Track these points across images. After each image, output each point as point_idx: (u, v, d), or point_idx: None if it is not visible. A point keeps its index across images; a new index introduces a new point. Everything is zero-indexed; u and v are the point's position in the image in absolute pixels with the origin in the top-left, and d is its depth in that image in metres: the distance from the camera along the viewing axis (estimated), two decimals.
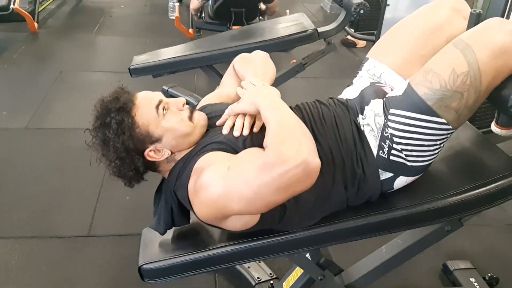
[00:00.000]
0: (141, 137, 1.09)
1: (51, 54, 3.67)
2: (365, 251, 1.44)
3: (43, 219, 1.95)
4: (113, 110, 1.06)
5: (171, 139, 1.11)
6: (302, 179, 0.90)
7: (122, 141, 1.06)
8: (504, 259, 1.89)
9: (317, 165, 0.91)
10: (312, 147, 0.94)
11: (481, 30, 1.08)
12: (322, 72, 3.52)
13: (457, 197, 1.16)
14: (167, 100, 1.14)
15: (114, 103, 1.07)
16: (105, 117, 1.07)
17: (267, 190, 0.92)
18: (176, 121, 1.11)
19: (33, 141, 2.51)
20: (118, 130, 1.05)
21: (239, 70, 1.33)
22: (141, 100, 1.11)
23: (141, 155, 1.11)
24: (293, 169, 0.88)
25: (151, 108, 1.10)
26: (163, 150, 1.11)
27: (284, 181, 0.90)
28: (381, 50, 1.36)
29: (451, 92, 1.04)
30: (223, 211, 1.01)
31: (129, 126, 1.06)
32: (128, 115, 1.07)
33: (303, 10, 5.00)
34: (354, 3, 2.27)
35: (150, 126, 1.09)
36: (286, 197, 0.96)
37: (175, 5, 4.27)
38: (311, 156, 0.91)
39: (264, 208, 0.99)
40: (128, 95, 1.11)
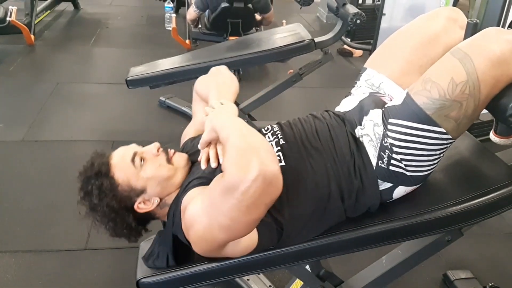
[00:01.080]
0: (126, 194, 1.11)
1: (47, 66, 3.66)
2: (365, 262, 1.43)
3: (40, 232, 1.94)
4: (92, 177, 1.11)
5: (155, 186, 1.13)
6: (266, 190, 0.88)
7: (107, 204, 1.10)
8: (504, 268, 1.88)
9: (274, 171, 0.88)
10: (266, 156, 0.90)
11: (479, 40, 1.08)
12: (319, 81, 3.53)
13: (457, 207, 1.16)
14: (141, 150, 1.16)
15: (90, 170, 1.12)
16: (87, 186, 1.11)
17: (239, 212, 0.91)
18: (155, 168, 1.13)
19: (29, 153, 2.50)
20: (100, 194, 1.09)
21: (202, 94, 1.31)
22: (115, 159, 1.14)
23: (131, 210, 1.13)
24: (252, 184, 0.86)
25: (127, 163, 1.12)
26: (152, 199, 1.13)
27: (249, 198, 0.88)
28: (379, 60, 1.36)
29: (450, 102, 1.03)
30: (214, 243, 1.01)
31: (110, 187, 1.10)
32: (107, 177, 1.11)
33: (300, 20, 5.01)
34: (351, 13, 2.28)
35: (131, 180, 1.11)
36: (261, 212, 0.93)
37: (171, 16, 4.29)
38: (266, 166, 0.87)
39: (246, 229, 0.97)
40: (103, 157, 1.15)
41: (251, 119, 2.57)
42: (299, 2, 2.26)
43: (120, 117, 2.85)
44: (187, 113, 2.93)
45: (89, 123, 2.80)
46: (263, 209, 0.93)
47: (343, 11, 2.34)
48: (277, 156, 1.14)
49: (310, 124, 1.24)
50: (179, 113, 2.95)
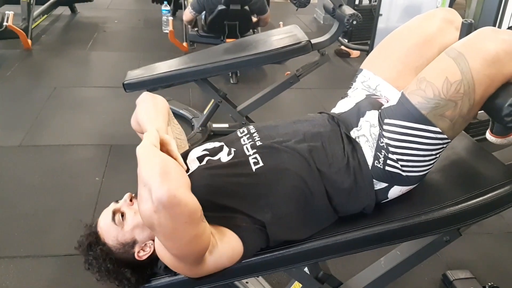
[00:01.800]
0: (122, 251, 1.15)
1: (45, 70, 3.66)
2: (364, 263, 1.43)
3: (38, 237, 1.93)
4: (88, 249, 1.16)
5: (142, 232, 1.14)
6: (173, 213, 0.88)
7: (106, 268, 1.14)
8: (503, 268, 1.88)
9: (169, 196, 0.86)
10: (156, 181, 0.88)
11: (473, 39, 1.08)
12: (317, 82, 3.53)
13: (455, 207, 1.16)
14: (118, 205, 1.17)
15: (84, 244, 1.17)
16: (87, 258, 1.16)
17: (168, 242, 0.98)
18: (132, 217, 1.14)
19: (27, 158, 2.49)
20: (101, 261, 1.14)
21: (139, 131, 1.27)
22: (100, 225, 1.18)
23: (134, 262, 1.15)
24: (157, 214, 0.88)
25: (109, 225, 1.15)
26: (147, 244, 1.15)
27: (166, 226, 0.90)
28: (375, 62, 1.36)
29: (445, 101, 1.03)
30: (189, 268, 1.04)
31: (107, 251, 1.14)
32: (99, 244, 1.15)
33: (297, 21, 5.03)
34: (347, 14, 2.28)
35: (119, 238, 1.14)
36: (189, 230, 0.93)
37: (168, 19, 4.29)
38: (157, 193, 0.86)
39: (193, 246, 0.97)
40: (90, 228, 1.19)
41: (249, 121, 2.57)
42: (295, 4, 2.26)
43: (118, 120, 2.84)
44: (185, 115, 2.93)
45: (86, 127, 2.79)
46: (188, 227, 0.92)
47: (339, 12, 2.34)
48: (254, 158, 1.15)
49: (294, 125, 1.25)
50: (177, 116, 2.94)
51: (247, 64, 2.42)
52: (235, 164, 1.16)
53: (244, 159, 1.16)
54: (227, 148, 1.21)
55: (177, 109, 2.98)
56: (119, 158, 2.49)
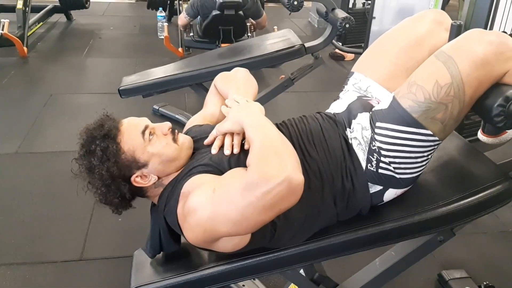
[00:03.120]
0: (127, 163, 1.09)
1: (41, 78, 3.66)
2: (360, 264, 1.44)
3: (35, 244, 1.93)
4: (98, 137, 1.07)
5: (157, 164, 1.11)
6: (287, 196, 0.90)
7: (107, 168, 1.06)
8: (499, 267, 1.89)
9: (301, 181, 0.91)
10: (295, 164, 0.93)
11: (462, 42, 1.10)
12: (312, 86, 3.55)
13: (447, 207, 1.17)
14: (153, 125, 1.14)
15: (98, 130, 1.08)
16: (90, 145, 1.08)
17: (253, 210, 0.91)
18: (161, 145, 1.12)
19: (24, 166, 2.49)
20: (103, 157, 1.06)
21: (221, 89, 1.33)
22: (126, 126, 1.12)
23: (127, 181, 1.11)
24: (276, 187, 0.88)
25: (137, 134, 1.10)
26: (150, 176, 1.12)
27: (269, 199, 0.89)
28: (366, 64, 1.38)
29: (436, 104, 1.05)
30: (212, 234, 1.00)
31: (114, 153, 1.07)
32: (113, 142, 1.07)
33: (291, 25, 5.06)
34: (340, 17, 2.30)
35: (136, 151, 1.09)
36: (272, 216, 0.95)
37: (164, 25, 4.31)
38: (294, 173, 0.90)
39: (252, 228, 0.99)
40: (113, 122, 1.12)
41: None
42: (288, 8, 2.28)
43: None
44: (181, 120, 2.94)
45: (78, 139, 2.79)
46: (275, 214, 0.95)
47: (332, 16, 2.36)
48: None
49: (304, 125, 1.25)
50: (173, 121, 2.95)
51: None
52: None
53: None
54: None
55: (173, 114, 2.99)
56: None
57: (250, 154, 0.97)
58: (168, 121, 1.35)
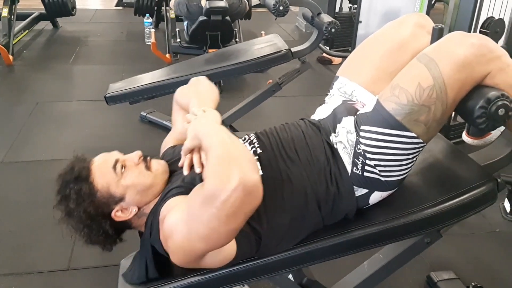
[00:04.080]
0: (104, 200, 1.10)
1: (27, 86, 3.63)
2: (348, 267, 1.44)
3: (21, 255, 1.90)
4: (71, 181, 1.09)
5: (134, 195, 1.12)
6: (246, 199, 0.89)
7: (84, 209, 1.08)
8: (487, 267, 1.90)
9: (256, 182, 0.89)
10: (247, 165, 0.91)
11: (443, 44, 1.11)
12: (299, 90, 3.55)
13: (433, 209, 1.18)
14: (123, 157, 1.15)
15: (70, 174, 1.11)
16: (64, 190, 1.10)
17: (218, 221, 0.91)
18: (135, 175, 1.12)
19: (9, 175, 2.46)
20: (78, 199, 1.08)
21: (182, 103, 1.32)
22: (97, 165, 1.13)
23: (108, 218, 1.11)
24: (232, 193, 0.87)
25: (108, 170, 1.11)
26: (130, 208, 1.12)
27: (229, 207, 0.88)
28: (350, 68, 1.38)
29: (419, 106, 1.06)
30: (193, 253, 1.00)
31: (88, 193, 1.09)
32: (86, 182, 1.09)
33: (279, 30, 5.08)
34: (325, 22, 2.31)
35: (111, 187, 1.10)
36: (240, 222, 0.94)
37: (151, 31, 4.30)
38: (247, 175, 0.88)
39: (226, 238, 0.97)
40: (84, 162, 1.14)
41: (232, 130, 2.57)
42: (274, 13, 2.28)
43: (102, 134, 2.83)
44: (169, 127, 2.90)
45: (70, 141, 2.77)
46: (243, 219, 0.93)
47: (318, 21, 2.37)
48: None
49: (286, 133, 1.25)
50: (161, 127, 2.94)
51: (229, 73, 2.44)
52: None
53: None
54: None
55: (160, 120, 2.97)
56: None
57: (204, 167, 0.97)
58: (155, 127, 1.34)
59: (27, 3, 4.95)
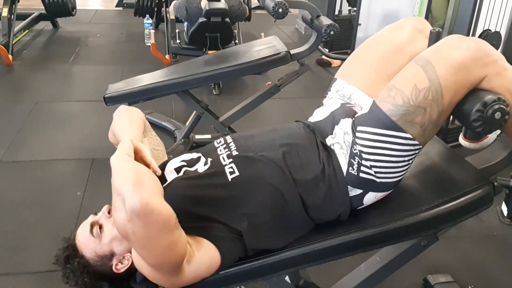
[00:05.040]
0: (100, 263, 1.14)
1: (26, 86, 3.63)
2: (345, 269, 1.44)
3: (19, 254, 1.90)
4: (65, 262, 1.15)
5: (119, 245, 1.14)
6: (147, 221, 0.89)
7: (89, 278, 1.13)
8: (483, 270, 1.90)
9: (142, 204, 0.87)
10: (129, 190, 0.89)
11: (440, 47, 1.11)
12: (299, 92, 3.56)
13: (429, 212, 1.18)
14: (96, 218, 1.17)
15: (61, 256, 1.17)
16: (65, 272, 1.16)
17: (143, 251, 0.99)
18: (110, 229, 1.14)
19: (7, 175, 2.46)
20: (79, 274, 1.13)
21: (115, 144, 1.27)
22: (78, 238, 1.17)
23: (113, 275, 1.14)
24: (131, 223, 0.90)
25: (87, 238, 1.15)
26: (125, 256, 1.14)
27: (140, 235, 0.92)
28: (348, 71, 1.39)
29: (414, 108, 1.06)
30: (167, 277, 1.04)
31: (84, 264, 1.14)
32: (77, 257, 1.15)
33: (279, 32, 5.08)
34: (324, 24, 2.32)
35: (97, 250, 1.14)
36: (163, 238, 0.94)
37: (151, 32, 4.31)
38: (131, 202, 0.88)
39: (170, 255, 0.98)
40: (68, 240, 1.19)
41: (231, 132, 2.58)
42: (273, 16, 2.29)
43: (100, 134, 2.79)
44: (168, 127, 2.93)
45: (68, 141, 2.77)
46: (162, 235, 0.93)
47: (317, 23, 2.38)
48: (230, 167, 1.17)
49: (268, 133, 1.27)
50: (160, 128, 2.94)
51: (228, 75, 2.44)
52: (211, 174, 1.17)
53: (220, 169, 1.17)
54: (204, 159, 1.22)
55: (159, 121, 2.98)
56: (100, 172, 2.47)
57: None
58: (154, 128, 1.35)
59: (27, 3, 4.97)
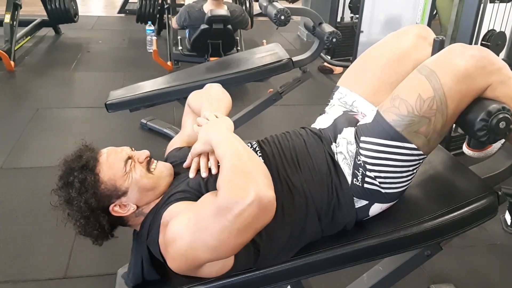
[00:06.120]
0: (107, 193, 1.08)
1: (27, 92, 3.63)
2: (347, 279, 1.42)
3: (18, 262, 1.89)
4: (76, 169, 1.07)
5: (135, 192, 1.10)
6: (259, 215, 0.88)
7: (85, 200, 1.05)
8: (487, 280, 1.88)
9: (271, 198, 0.89)
10: (264, 180, 0.91)
11: (444, 56, 1.10)
12: (300, 99, 3.55)
13: (433, 222, 1.17)
14: (133, 153, 1.14)
15: (76, 161, 1.08)
16: (68, 177, 1.07)
17: (229, 234, 0.90)
18: (139, 174, 1.10)
19: (8, 181, 2.45)
20: (81, 188, 1.05)
21: (194, 107, 1.33)
22: (106, 157, 1.11)
23: (106, 212, 1.09)
24: (247, 208, 0.86)
25: (117, 163, 1.09)
26: (129, 205, 1.10)
27: (242, 222, 0.88)
28: (351, 78, 1.38)
29: (419, 118, 1.05)
30: (195, 262, 0.99)
31: (93, 184, 1.06)
32: (92, 173, 1.07)
33: (281, 39, 5.09)
34: (327, 32, 2.31)
35: (118, 180, 1.08)
36: (250, 236, 0.93)
37: (153, 39, 4.31)
38: (264, 191, 0.88)
39: (232, 251, 0.97)
40: (92, 152, 1.11)
41: None
42: (275, 23, 2.28)
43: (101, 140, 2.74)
44: (169, 134, 2.92)
45: (69, 148, 2.67)
46: (253, 233, 0.93)
47: (319, 30, 2.38)
48: None
49: (287, 141, 1.24)
50: (161, 135, 2.94)
51: (230, 82, 2.43)
52: None
53: None
54: None
55: (160, 128, 2.97)
56: None
57: (219, 177, 0.96)
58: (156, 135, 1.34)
59: (29, 9, 4.99)
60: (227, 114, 1.23)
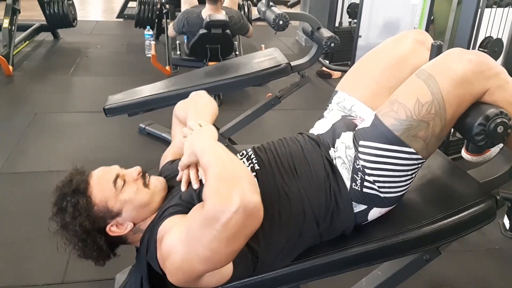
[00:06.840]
0: (101, 215, 1.09)
1: (26, 96, 3.63)
2: (346, 284, 1.42)
3: (15, 267, 1.88)
4: (68, 194, 1.09)
5: (130, 211, 1.11)
6: (246, 222, 0.88)
7: (80, 223, 1.06)
8: (486, 284, 1.88)
9: (256, 203, 0.88)
10: (248, 186, 0.90)
11: (442, 61, 1.11)
12: (299, 103, 3.56)
13: (432, 226, 1.17)
14: (123, 172, 1.14)
15: (68, 186, 1.10)
16: (61, 202, 1.09)
17: (219, 243, 0.90)
18: (133, 191, 1.11)
19: (6, 186, 2.45)
20: (74, 212, 1.07)
21: (181, 117, 1.33)
22: (96, 178, 1.12)
23: (103, 233, 1.10)
24: (233, 216, 0.86)
25: (108, 185, 1.10)
26: (125, 223, 1.11)
27: (230, 230, 0.88)
28: (349, 83, 1.38)
29: (417, 122, 1.05)
30: (192, 274, 0.99)
31: (85, 207, 1.07)
32: (83, 196, 1.08)
33: (279, 43, 5.10)
34: (325, 37, 2.32)
35: (109, 201, 1.09)
36: (241, 243, 0.93)
37: (151, 43, 4.32)
38: (248, 197, 0.87)
39: (226, 260, 0.97)
40: (82, 175, 1.13)
41: (231, 143, 2.57)
42: (274, 28, 2.29)
43: (100, 145, 2.82)
44: (167, 139, 2.91)
45: (68, 153, 2.76)
46: (244, 240, 0.93)
47: (317, 35, 2.38)
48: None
49: (284, 148, 1.24)
50: (160, 139, 2.93)
51: (228, 87, 2.44)
52: None
53: None
54: None
55: (159, 133, 2.97)
56: None
57: (204, 186, 0.96)
58: (154, 139, 1.34)
59: (28, 14, 4.99)
60: (213, 121, 1.23)
